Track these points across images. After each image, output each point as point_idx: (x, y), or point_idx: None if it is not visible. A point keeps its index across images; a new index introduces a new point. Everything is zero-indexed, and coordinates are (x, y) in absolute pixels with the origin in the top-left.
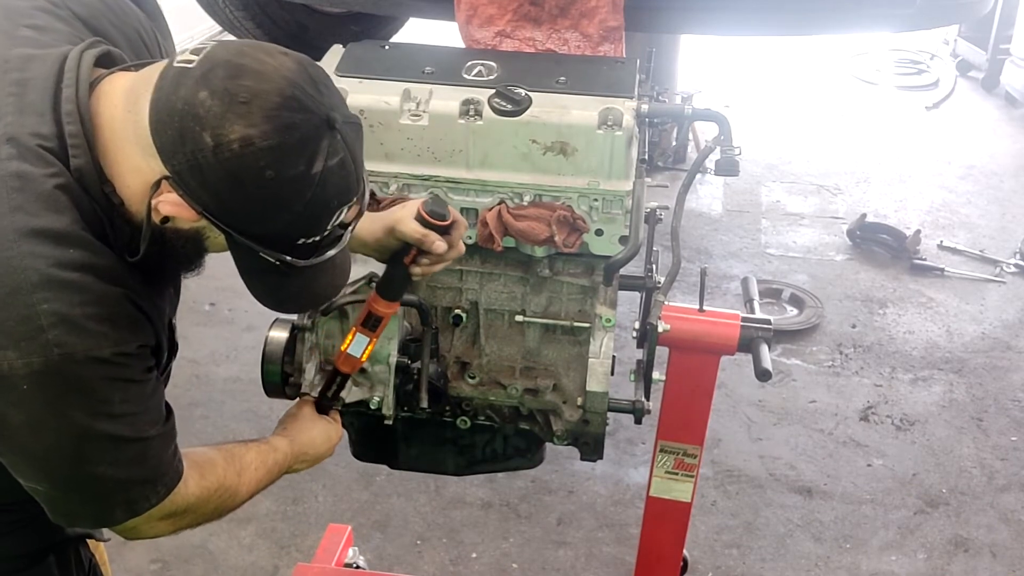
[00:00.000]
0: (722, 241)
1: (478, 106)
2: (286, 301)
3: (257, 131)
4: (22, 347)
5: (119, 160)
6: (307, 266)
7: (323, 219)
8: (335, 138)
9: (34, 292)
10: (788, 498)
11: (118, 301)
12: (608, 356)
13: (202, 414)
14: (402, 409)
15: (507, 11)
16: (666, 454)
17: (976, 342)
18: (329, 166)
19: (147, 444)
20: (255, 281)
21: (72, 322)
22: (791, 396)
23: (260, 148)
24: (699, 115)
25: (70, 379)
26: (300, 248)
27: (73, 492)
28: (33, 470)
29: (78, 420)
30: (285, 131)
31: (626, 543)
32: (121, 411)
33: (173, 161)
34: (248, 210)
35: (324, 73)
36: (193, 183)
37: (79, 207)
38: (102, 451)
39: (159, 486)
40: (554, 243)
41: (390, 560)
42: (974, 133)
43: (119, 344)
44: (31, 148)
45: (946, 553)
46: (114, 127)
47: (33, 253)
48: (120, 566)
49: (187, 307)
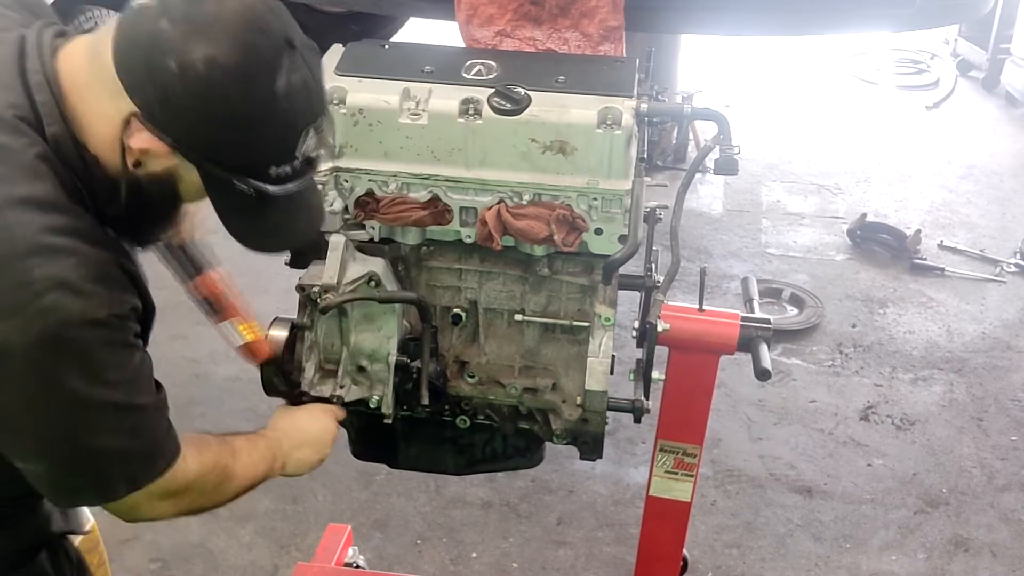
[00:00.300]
0: (722, 240)
1: (478, 105)
2: (265, 238)
3: (220, 51)
4: (17, 315)
5: (87, 115)
6: (281, 195)
7: (290, 140)
8: (296, 56)
9: (26, 259)
10: (788, 498)
11: (108, 263)
12: (607, 355)
13: (201, 412)
14: (401, 408)
15: (507, 11)
16: (666, 453)
17: (976, 342)
18: (293, 83)
19: (143, 414)
20: (232, 219)
21: (67, 285)
22: (791, 396)
23: (224, 67)
24: (699, 114)
25: (67, 344)
26: (272, 179)
27: (74, 467)
28: (31, 448)
29: (75, 388)
30: (248, 48)
31: (626, 543)
32: (116, 377)
33: (141, 94)
34: (218, 135)
35: (280, 3)
36: (162, 113)
37: (58, 175)
38: (100, 420)
39: (159, 458)
40: (553, 242)
41: (390, 560)
42: (974, 133)
43: (113, 306)
44: (7, 120)
45: (946, 553)
46: (78, 85)
47: (20, 221)
48: (119, 565)
49: (187, 306)
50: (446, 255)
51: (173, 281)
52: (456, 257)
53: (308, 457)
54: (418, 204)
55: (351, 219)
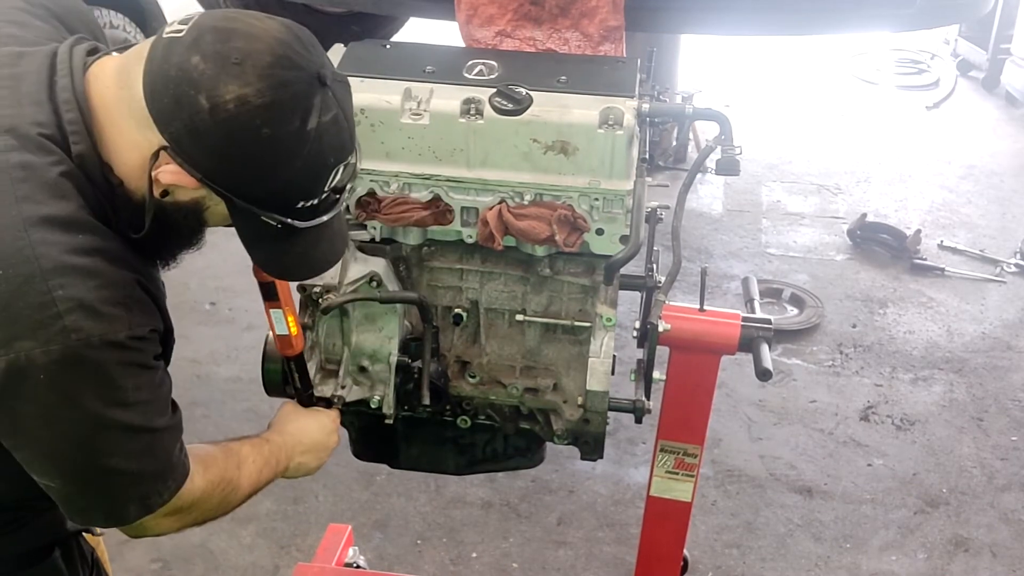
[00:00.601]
0: (722, 241)
1: (479, 105)
2: (290, 268)
3: (252, 89)
4: (39, 335)
5: (115, 139)
6: (307, 228)
7: (321, 177)
8: (327, 94)
9: (48, 279)
10: (788, 498)
11: (129, 285)
12: (608, 355)
13: (203, 413)
14: (402, 408)
15: (507, 11)
16: (666, 454)
17: (976, 342)
18: (323, 122)
19: (158, 436)
20: (257, 249)
21: (88, 307)
22: (791, 396)
23: (256, 106)
24: (700, 114)
25: (87, 366)
26: (299, 211)
27: (87, 487)
28: (47, 465)
29: (92, 409)
30: (279, 88)
31: (626, 543)
32: (134, 399)
33: (170, 128)
34: (247, 171)
35: (310, 34)
36: (191, 149)
37: (83, 193)
38: (115, 442)
39: (170, 481)
40: (555, 242)
41: (390, 560)
42: (974, 133)
43: (133, 328)
44: (32, 137)
45: (946, 553)
46: (107, 107)
47: (44, 241)
48: (120, 566)
49: (188, 307)
50: (447, 255)
51: (173, 281)
52: (457, 257)
53: (310, 462)
54: (419, 204)
55: (353, 219)
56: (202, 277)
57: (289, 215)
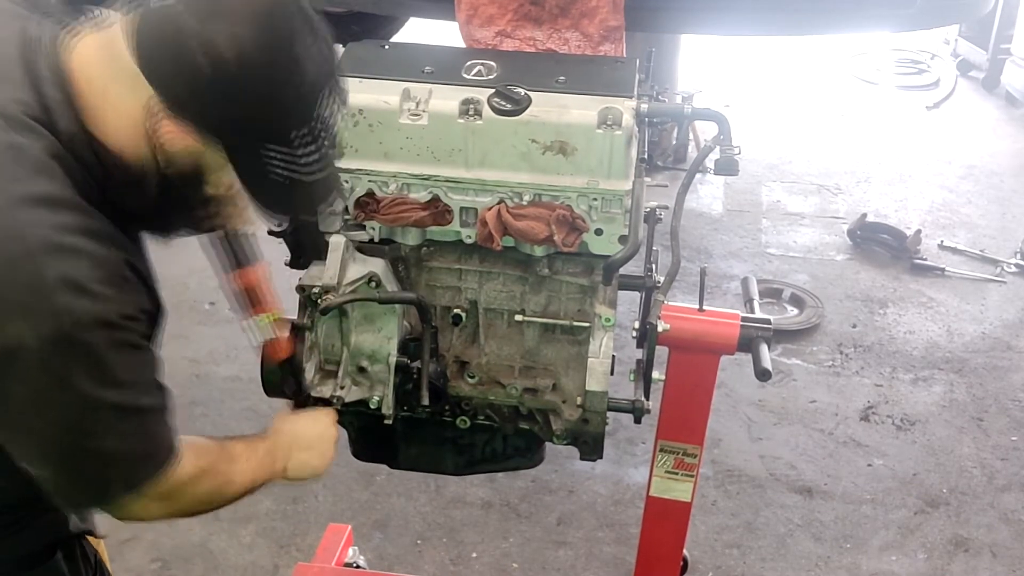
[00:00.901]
0: (722, 241)
1: (478, 105)
2: (298, 203)
3: (240, 28)
4: (31, 316)
5: (105, 112)
6: (308, 160)
7: (311, 102)
8: (308, 20)
9: (37, 258)
10: (788, 498)
11: (119, 264)
12: (608, 355)
13: (202, 412)
14: (402, 409)
15: (507, 11)
16: (666, 454)
17: (976, 342)
18: (308, 45)
19: (148, 415)
20: (264, 193)
21: (79, 286)
22: (791, 396)
23: (247, 42)
24: (699, 114)
25: (78, 346)
26: (297, 142)
27: (75, 468)
28: (35, 448)
29: (84, 389)
30: (267, 20)
31: (626, 543)
32: (124, 379)
33: (166, 84)
34: (244, 108)
35: None
36: (188, 100)
37: (69, 172)
38: (106, 422)
39: (155, 460)
40: (553, 242)
41: (390, 560)
42: (974, 133)
43: (123, 307)
44: (17, 117)
45: (946, 553)
46: (93, 81)
47: (32, 220)
48: (120, 565)
49: (187, 306)
50: (446, 255)
51: (173, 281)
52: (456, 257)
53: (309, 461)
54: (418, 204)
55: (351, 219)
56: (202, 277)
57: (285, 145)
